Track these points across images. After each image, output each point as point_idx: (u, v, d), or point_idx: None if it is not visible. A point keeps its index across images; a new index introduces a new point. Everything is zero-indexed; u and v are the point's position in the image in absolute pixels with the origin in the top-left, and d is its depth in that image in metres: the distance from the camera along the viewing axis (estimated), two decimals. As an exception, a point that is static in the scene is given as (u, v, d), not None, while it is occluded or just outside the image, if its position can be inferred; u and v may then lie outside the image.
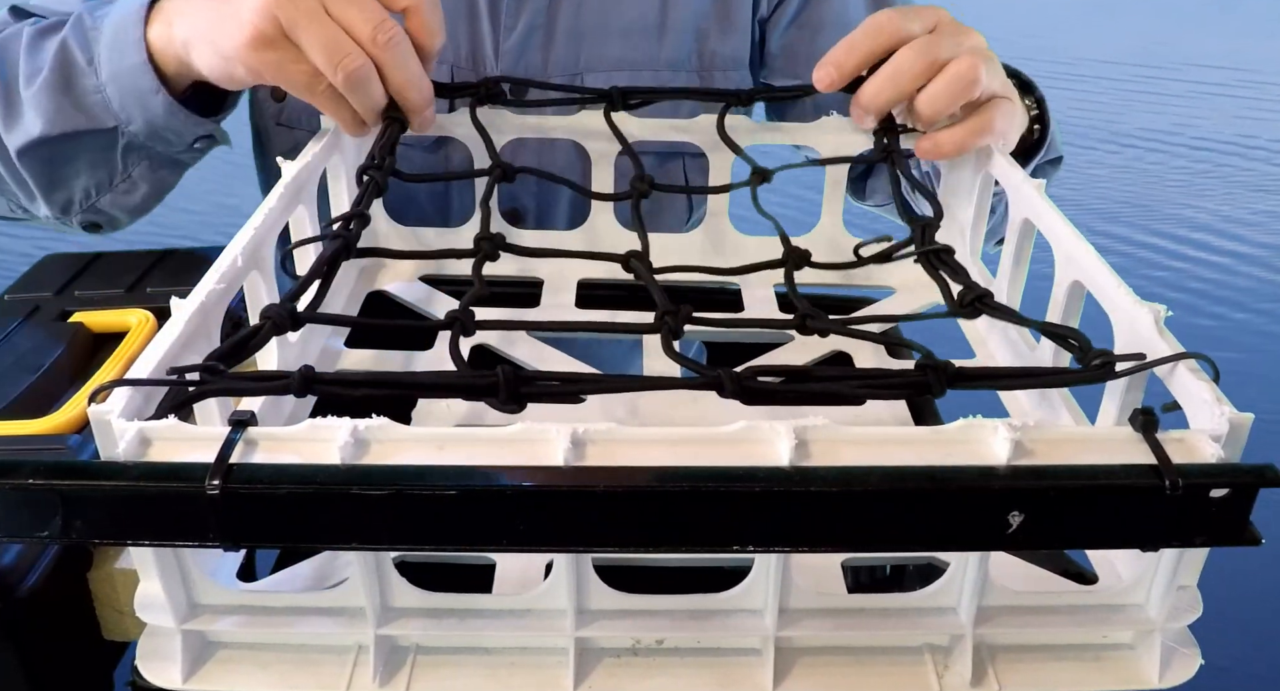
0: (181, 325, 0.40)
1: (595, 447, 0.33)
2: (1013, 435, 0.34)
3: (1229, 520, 0.34)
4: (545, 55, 0.74)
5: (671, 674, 0.39)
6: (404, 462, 0.33)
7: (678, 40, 0.76)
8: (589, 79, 0.74)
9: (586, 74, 0.74)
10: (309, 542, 0.36)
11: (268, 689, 0.38)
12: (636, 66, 0.75)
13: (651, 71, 0.75)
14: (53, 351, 0.48)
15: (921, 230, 0.51)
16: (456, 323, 0.41)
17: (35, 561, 0.38)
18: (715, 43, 0.77)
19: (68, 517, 0.32)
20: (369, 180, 0.53)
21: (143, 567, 0.36)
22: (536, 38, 0.74)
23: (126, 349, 0.47)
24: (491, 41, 0.73)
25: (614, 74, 0.74)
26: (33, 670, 0.38)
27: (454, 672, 0.38)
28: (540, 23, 0.74)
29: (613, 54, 0.75)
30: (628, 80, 0.72)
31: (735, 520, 0.33)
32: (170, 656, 0.38)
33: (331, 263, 0.46)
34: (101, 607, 0.40)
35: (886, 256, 0.54)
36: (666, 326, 0.42)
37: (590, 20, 0.74)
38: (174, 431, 0.34)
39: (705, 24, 0.77)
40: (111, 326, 0.51)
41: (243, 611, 0.38)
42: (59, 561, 0.39)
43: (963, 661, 0.39)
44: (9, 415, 0.43)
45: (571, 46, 0.74)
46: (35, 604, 0.37)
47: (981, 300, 0.45)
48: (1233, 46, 4.10)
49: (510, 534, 0.33)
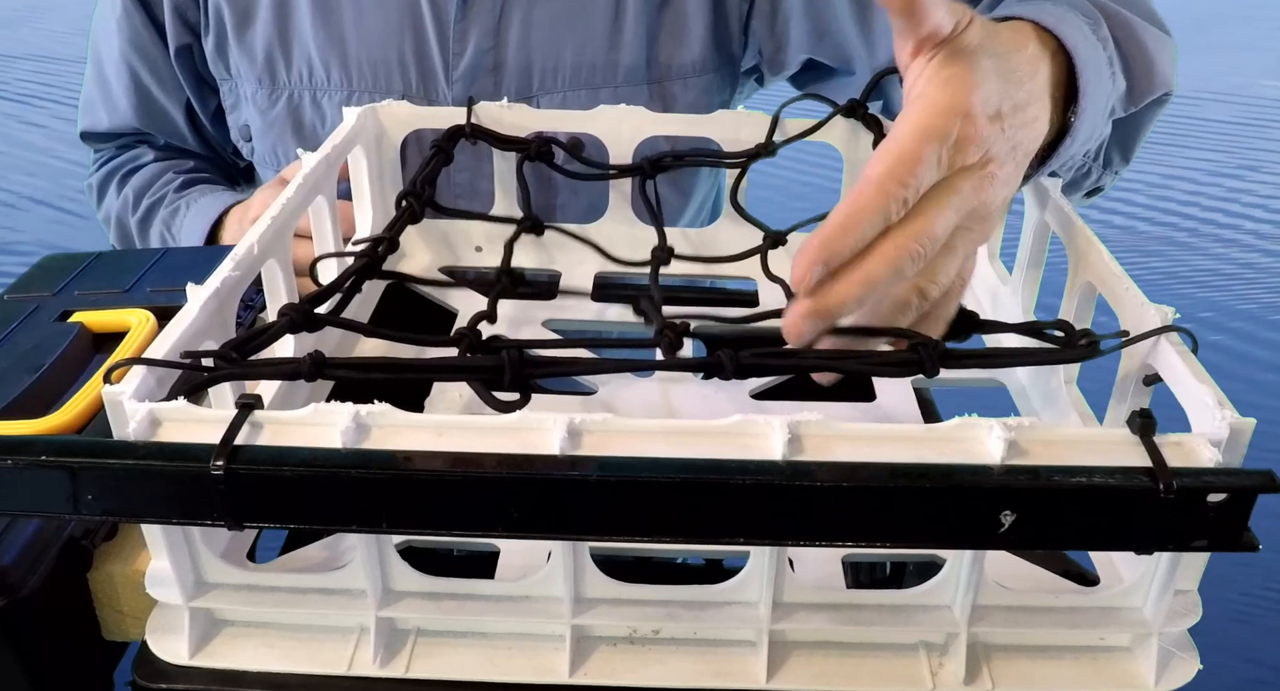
0: (196, 310, 0.41)
1: (591, 437, 0.34)
2: (1007, 434, 0.34)
3: (1226, 525, 0.33)
4: (496, 80, 0.74)
5: (667, 663, 0.39)
6: (404, 448, 0.34)
7: (633, 52, 0.75)
8: (545, 101, 0.74)
9: (541, 96, 0.74)
10: (310, 524, 0.37)
11: (271, 666, 0.39)
12: (594, 85, 0.75)
13: (610, 89, 0.75)
14: (53, 351, 0.48)
15: None
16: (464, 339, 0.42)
17: (35, 561, 0.38)
18: (667, 53, 0.76)
19: (77, 494, 0.33)
20: (406, 206, 0.54)
21: (153, 545, 0.37)
22: (486, 61, 0.74)
23: (126, 349, 0.48)
24: (442, 68, 0.74)
25: (570, 94, 0.74)
26: (33, 670, 0.38)
27: (453, 655, 0.39)
28: (489, 46, 0.73)
29: (566, 72, 0.74)
30: (585, 100, 0.73)
31: (727, 512, 0.33)
32: (178, 632, 0.39)
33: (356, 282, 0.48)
34: (101, 608, 0.41)
35: None
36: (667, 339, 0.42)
37: (540, 40, 0.74)
38: (183, 413, 0.35)
39: (656, 34, 0.76)
40: (111, 326, 0.51)
41: (249, 590, 0.39)
42: (59, 562, 0.39)
43: (957, 659, 0.39)
44: (9, 415, 0.43)
45: (523, 68, 0.74)
46: (35, 604, 0.38)
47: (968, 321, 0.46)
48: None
49: (505, 520, 0.33)
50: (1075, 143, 0.49)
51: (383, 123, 0.62)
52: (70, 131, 0.91)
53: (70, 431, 0.43)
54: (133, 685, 0.39)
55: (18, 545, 0.38)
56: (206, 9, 0.76)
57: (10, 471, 0.33)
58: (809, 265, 0.39)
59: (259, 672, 0.39)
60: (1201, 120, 3.18)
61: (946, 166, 0.40)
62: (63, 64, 3.41)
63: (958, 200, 0.41)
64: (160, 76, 0.81)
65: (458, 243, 0.66)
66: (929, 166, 0.39)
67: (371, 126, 0.62)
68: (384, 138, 0.63)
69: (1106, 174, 0.64)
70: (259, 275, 0.48)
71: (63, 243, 2.38)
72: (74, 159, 2.67)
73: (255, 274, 0.47)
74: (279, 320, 0.43)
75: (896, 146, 0.40)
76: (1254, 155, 3.07)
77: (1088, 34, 0.50)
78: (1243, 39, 4.12)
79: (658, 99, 0.76)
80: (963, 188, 0.41)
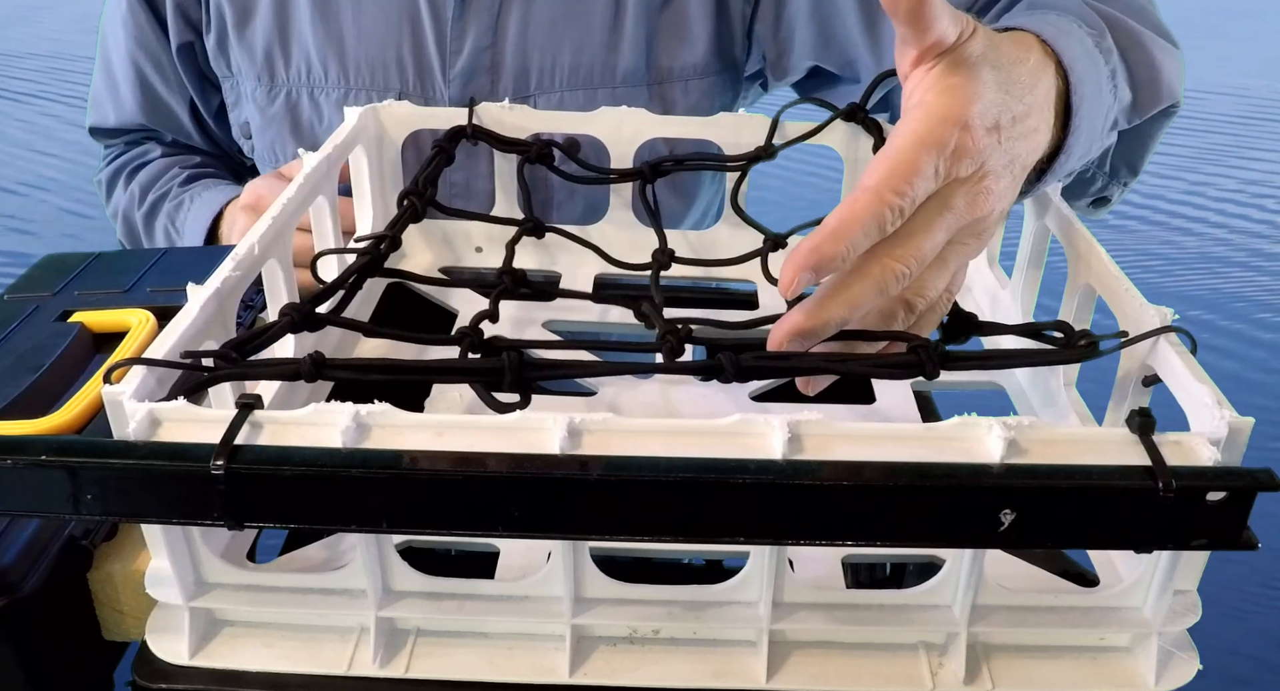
0: (197, 310, 0.41)
1: (591, 437, 0.34)
2: (1007, 434, 0.34)
3: (1225, 524, 0.33)
4: (493, 79, 0.74)
5: (667, 663, 0.39)
6: (404, 448, 0.34)
7: (632, 54, 0.75)
8: (542, 101, 0.74)
9: (539, 96, 0.74)
10: (310, 524, 0.37)
11: (271, 666, 0.39)
12: (591, 85, 0.74)
13: (608, 89, 0.75)
14: (53, 351, 0.48)
15: None
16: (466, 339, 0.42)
17: (35, 562, 0.38)
18: (667, 56, 0.76)
19: (77, 494, 0.33)
20: (408, 206, 0.54)
21: (153, 545, 0.37)
22: (484, 58, 0.73)
23: (126, 349, 0.48)
24: (439, 66, 0.73)
25: (568, 94, 0.74)
26: (33, 670, 0.38)
27: (453, 655, 0.39)
28: (486, 45, 0.73)
29: (564, 69, 0.74)
30: (583, 101, 0.73)
31: (727, 512, 0.33)
32: (178, 632, 0.39)
33: (357, 279, 0.48)
34: (101, 608, 0.41)
35: None
36: (669, 344, 0.42)
37: (538, 40, 0.74)
38: (183, 412, 0.35)
39: (655, 36, 0.75)
40: (111, 326, 0.51)
41: (249, 590, 0.39)
42: (59, 562, 0.39)
43: (957, 659, 0.39)
44: (9, 415, 0.43)
45: (520, 67, 0.74)
46: (35, 604, 0.38)
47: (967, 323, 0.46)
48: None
49: (505, 520, 0.33)
50: (1071, 159, 0.49)
51: (384, 123, 0.62)
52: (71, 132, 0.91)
53: (70, 431, 0.43)
54: (133, 685, 0.39)
55: (18, 545, 0.38)
56: (208, 6, 0.76)
57: (10, 471, 0.33)
58: (796, 271, 0.38)
59: (259, 672, 0.39)
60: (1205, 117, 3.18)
61: (944, 177, 0.40)
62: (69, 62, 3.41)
63: (951, 217, 0.40)
64: (164, 74, 0.81)
65: (458, 243, 0.66)
66: (926, 176, 0.39)
67: (372, 126, 0.62)
68: (385, 138, 0.63)
69: (1114, 185, 0.63)
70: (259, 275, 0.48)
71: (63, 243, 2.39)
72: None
73: (255, 274, 0.47)
74: (280, 320, 0.43)
75: (894, 154, 0.39)
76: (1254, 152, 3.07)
77: (1090, 47, 0.50)
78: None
79: (657, 101, 0.76)
80: (957, 204, 0.40)
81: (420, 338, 0.46)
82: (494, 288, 0.53)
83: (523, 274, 0.54)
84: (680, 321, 0.44)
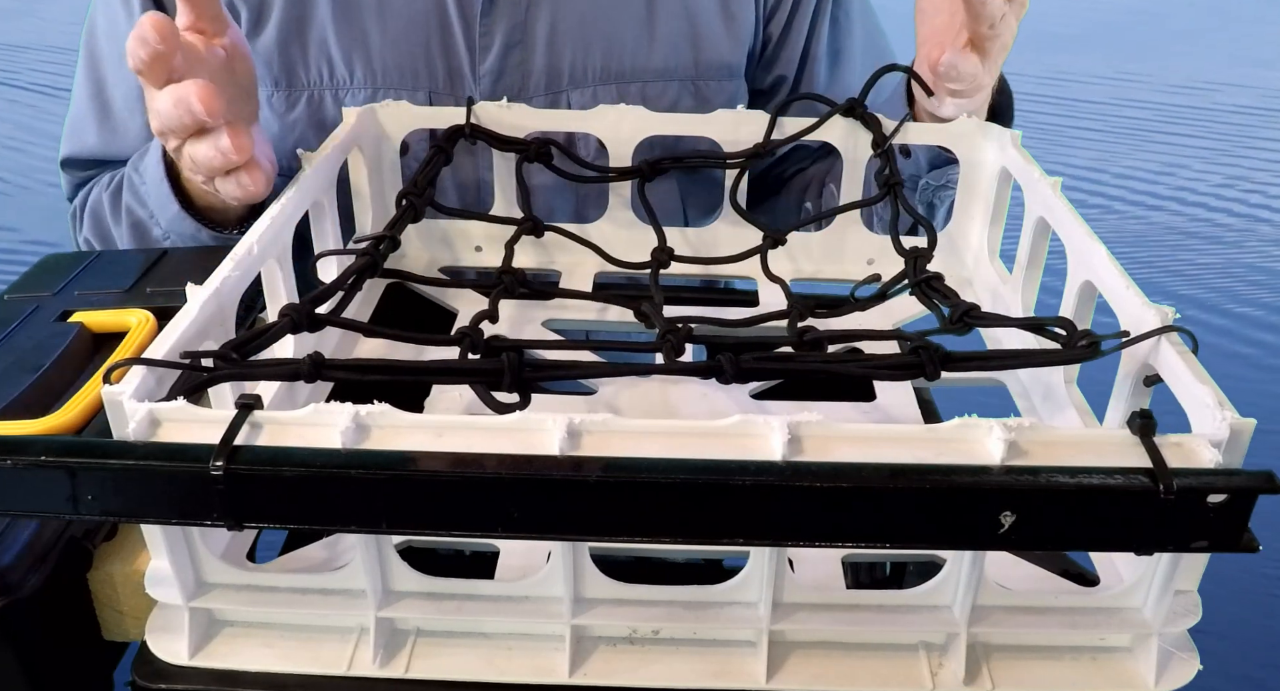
0: (196, 310, 0.41)
1: (590, 438, 0.34)
2: (1007, 435, 0.34)
3: (1226, 526, 0.33)
4: (524, 73, 0.73)
5: (666, 663, 0.39)
6: (403, 448, 0.34)
7: (669, 48, 0.74)
8: (574, 96, 0.73)
9: (571, 91, 0.73)
10: (310, 524, 0.37)
11: (271, 666, 0.39)
12: (623, 79, 0.73)
13: (640, 84, 0.74)
14: (53, 351, 0.48)
15: (914, 261, 0.52)
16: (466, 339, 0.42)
17: (35, 562, 0.38)
18: (713, 51, 0.75)
19: (77, 494, 0.33)
20: (406, 205, 0.54)
21: (152, 545, 0.37)
22: (514, 56, 0.72)
23: (126, 349, 0.47)
24: (469, 63, 0.72)
25: (600, 89, 0.73)
26: (33, 670, 0.38)
27: (452, 655, 0.39)
28: (517, 40, 0.72)
29: (596, 66, 0.73)
30: (615, 95, 0.72)
31: (727, 512, 0.33)
32: (178, 632, 0.39)
33: (357, 279, 0.48)
34: (101, 608, 0.41)
35: (883, 295, 0.54)
36: (670, 344, 0.42)
37: (569, 32, 0.72)
38: (183, 413, 0.35)
39: (704, 30, 0.75)
40: (111, 326, 0.51)
41: (249, 590, 0.39)
42: (59, 562, 0.39)
43: (957, 659, 0.39)
44: (9, 415, 0.43)
45: (552, 62, 0.73)
46: (35, 604, 0.38)
47: (969, 314, 0.46)
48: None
49: (505, 520, 0.33)
50: None
51: (382, 123, 0.62)
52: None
53: (70, 431, 0.43)
54: (133, 685, 0.39)
55: (18, 545, 0.38)
56: None
57: (10, 471, 0.33)
58: None
59: (258, 673, 0.39)
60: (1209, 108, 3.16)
61: None
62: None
63: None
64: None
65: (457, 243, 0.66)
66: None
67: (371, 126, 0.62)
68: (384, 138, 0.63)
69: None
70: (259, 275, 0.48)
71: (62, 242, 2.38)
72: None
73: (255, 274, 0.47)
74: (280, 320, 0.43)
75: None
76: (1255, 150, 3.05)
77: None
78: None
79: (690, 96, 0.75)
80: None
81: (420, 338, 0.46)
82: (493, 287, 0.53)
83: (522, 273, 0.54)
84: (680, 320, 0.44)
